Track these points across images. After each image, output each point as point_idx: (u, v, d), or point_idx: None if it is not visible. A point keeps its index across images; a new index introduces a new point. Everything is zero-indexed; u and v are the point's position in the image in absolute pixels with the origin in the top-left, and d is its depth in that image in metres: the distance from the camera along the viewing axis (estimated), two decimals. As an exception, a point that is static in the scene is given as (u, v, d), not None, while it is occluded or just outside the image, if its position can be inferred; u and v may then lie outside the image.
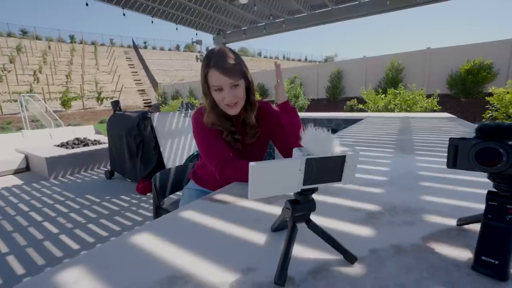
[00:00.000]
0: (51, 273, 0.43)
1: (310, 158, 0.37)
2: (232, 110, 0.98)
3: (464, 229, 0.52)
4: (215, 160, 0.97)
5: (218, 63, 0.90)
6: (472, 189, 0.74)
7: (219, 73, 0.90)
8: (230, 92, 0.94)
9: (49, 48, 26.47)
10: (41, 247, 2.25)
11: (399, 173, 0.92)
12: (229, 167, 0.93)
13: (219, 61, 0.91)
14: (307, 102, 10.84)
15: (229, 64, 0.91)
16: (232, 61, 0.93)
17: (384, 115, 4.00)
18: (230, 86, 0.93)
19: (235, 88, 0.95)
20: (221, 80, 0.91)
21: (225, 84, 0.92)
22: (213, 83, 0.93)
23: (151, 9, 5.18)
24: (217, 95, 0.95)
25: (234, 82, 0.93)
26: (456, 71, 8.98)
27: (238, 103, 0.97)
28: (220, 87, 0.93)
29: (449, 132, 1.92)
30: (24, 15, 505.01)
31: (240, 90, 0.96)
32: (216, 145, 0.99)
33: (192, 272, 0.42)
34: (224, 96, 0.94)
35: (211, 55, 0.93)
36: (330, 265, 0.42)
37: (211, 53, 0.95)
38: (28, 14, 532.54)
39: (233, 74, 0.92)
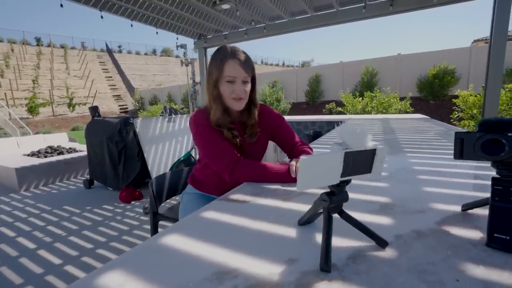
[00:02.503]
0: (91, 277, 0.42)
1: (348, 151, 0.41)
2: (238, 104, 1.01)
3: (469, 214, 0.58)
4: (224, 161, 0.97)
5: (237, 56, 0.96)
6: (466, 180, 0.82)
7: (237, 65, 0.95)
8: (241, 85, 0.98)
9: (12, 50, 24.61)
10: (17, 264, 2.08)
11: (396, 169, 0.99)
12: (240, 167, 0.95)
13: (238, 55, 0.97)
14: (289, 106, 11.07)
15: (247, 60, 0.98)
16: (248, 58, 1.00)
17: (364, 117, 4.20)
18: (243, 80, 0.98)
19: (245, 84, 0.99)
20: (238, 72, 0.96)
21: (240, 76, 0.97)
22: (229, 73, 0.96)
23: (131, 12, 5.04)
24: (227, 87, 0.98)
25: (247, 77, 0.98)
26: (425, 75, 9.67)
27: (244, 99, 1.01)
28: (234, 79, 0.97)
29: (428, 131, 2.08)
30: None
31: (249, 87, 1.01)
32: (223, 146, 1.00)
33: (238, 266, 0.43)
34: (235, 89, 0.97)
35: (229, 48, 0.99)
36: (365, 251, 0.45)
37: (228, 47, 1.00)
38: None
39: (249, 69, 0.98)
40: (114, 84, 24.96)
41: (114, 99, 22.72)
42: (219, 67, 0.97)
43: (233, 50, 0.99)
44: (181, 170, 1.64)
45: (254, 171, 0.93)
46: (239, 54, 0.98)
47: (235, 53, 0.97)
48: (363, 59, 11.29)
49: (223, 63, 0.96)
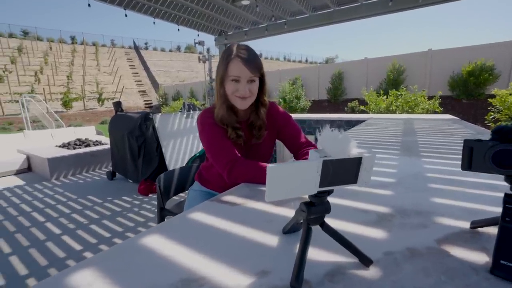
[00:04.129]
0: (64, 275, 0.42)
1: (326, 160, 0.37)
2: (242, 103, 0.99)
3: (478, 232, 0.51)
4: (223, 160, 0.96)
5: (242, 55, 0.94)
6: (483, 191, 0.73)
7: (241, 64, 0.93)
8: (246, 85, 0.96)
9: (50, 48, 26.54)
10: (43, 248, 2.25)
11: (407, 175, 0.92)
12: (238, 166, 0.93)
13: (243, 54, 0.94)
14: (309, 104, 10.84)
15: (252, 59, 0.95)
16: (254, 57, 0.97)
17: (386, 116, 3.99)
18: (248, 79, 0.95)
19: (251, 83, 0.97)
20: (242, 71, 0.94)
21: (244, 76, 0.94)
22: (232, 73, 0.95)
23: (153, 10, 5.19)
24: (232, 85, 0.96)
25: (252, 76, 0.95)
26: (458, 72, 8.98)
27: (250, 98, 0.99)
28: (238, 78, 0.95)
29: (453, 134, 1.92)
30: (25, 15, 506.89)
31: (255, 87, 0.98)
32: (224, 145, 0.99)
33: (206, 275, 0.41)
34: (239, 88, 0.96)
35: (235, 47, 0.97)
36: (346, 268, 0.41)
37: (235, 46, 0.98)
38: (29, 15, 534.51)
39: (254, 68, 0.95)
40: (140, 80, 26.01)
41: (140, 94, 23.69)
42: (225, 65, 0.96)
43: (239, 48, 0.96)
44: (190, 166, 1.65)
45: (251, 172, 0.91)
46: (245, 53, 0.95)
47: (240, 52, 0.95)
48: (390, 55, 10.72)
49: (228, 62, 0.95)
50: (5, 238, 2.44)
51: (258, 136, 1.08)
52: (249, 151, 1.11)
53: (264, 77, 1.03)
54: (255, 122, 1.07)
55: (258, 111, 1.06)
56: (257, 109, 1.06)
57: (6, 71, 19.88)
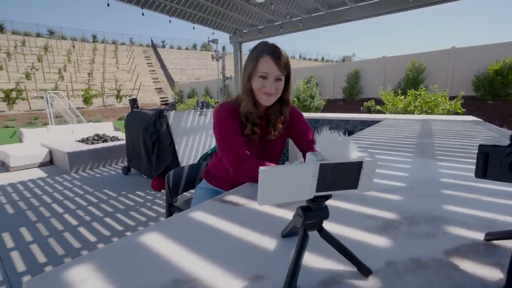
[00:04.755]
0: (61, 269, 0.43)
1: (324, 163, 0.35)
2: (267, 99, 1.00)
3: (493, 245, 0.48)
4: (232, 156, 0.97)
5: (274, 53, 0.96)
6: (503, 200, 0.68)
7: (271, 61, 0.95)
8: (273, 83, 0.97)
9: (73, 47, 27.68)
10: (61, 238, 2.35)
11: (419, 179, 0.87)
12: (244, 164, 0.93)
13: (275, 52, 0.96)
14: (323, 103, 10.66)
15: (283, 58, 0.97)
16: (285, 57, 0.98)
17: (403, 117, 3.85)
18: (275, 78, 0.97)
19: (278, 81, 0.98)
20: (271, 68, 0.95)
21: (273, 73, 0.96)
22: (262, 69, 0.96)
23: (169, 8, 5.27)
24: (259, 81, 0.98)
25: (280, 75, 0.97)
26: (484, 71, 8.50)
27: (275, 95, 1.00)
28: (266, 75, 0.96)
29: (475, 137, 1.81)
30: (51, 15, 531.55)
31: (281, 85, 1.00)
32: (236, 141, 1.00)
33: (199, 276, 0.41)
34: (266, 84, 0.97)
35: (267, 44, 0.99)
36: (343, 277, 0.39)
37: (266, 43, 1.00)
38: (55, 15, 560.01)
39: (283, 67, 0.96)
40: (157, 77, 26.60)
41: (156, 91, 24.23)
42: (254, 61, 0.98)
43: (270, 46, 0.98)
44: (199, 164, 1.67)
45: (255, 170, 0.90)
46: (276, 51, 0.97)
47: (272, 49, 0.97)
48: (409, 54, 10.31)
49: (258, 58, 0.97)
50: (28, 227, 2.58)
51: (274, 133, 1.09)
52: (262, 148, 1.12)
53: (290, 77, 1.04)
54: (273, 119, 1.08)
55: (282, 109, 1.08)
56: (281, 107, 1.08)
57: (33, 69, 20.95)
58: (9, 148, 4.95)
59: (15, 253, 2.12)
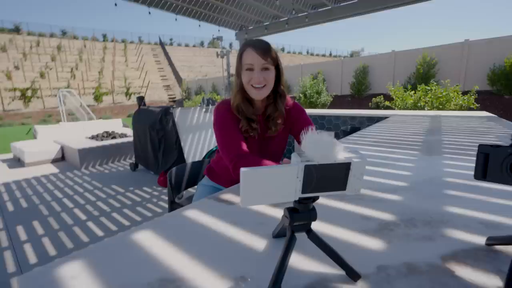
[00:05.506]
0: (52, 266, 0.44)
1: (309, 164, 0.34)
2: (258, 92, 0.98)
3: (495, 250, 0.45)
4: (231, 154, 0.96)
5: (255, 44, 0.97)
6: (509, 202, 0.65)
7: (253, 51, 0.95)
8: (260, 73, 0.96)
9: (85, 46, 28.23)
10: (71, 232, 2.42)
11: (422, 179, 0.84)
12: (243, 162, 0.92)
13: (256, 43, 0.97)
14: (330, 99, 10.51)
15: (265, 47, 0.96)
16: (266, 45, 0.98)
17: (412, 113, 3.75)
18: (261, 67, 0.96)
19: (266, 71, 0.97)
20: (254, 59, 0.95)
21: (257, 64, 0.95)
22: (246, 61, 0.96)
23: (175, 6, 5.29)
24: (247, 75, 0.97)
25: (265, 64, 0.96)
26: (500, 65, 8.18)
27: (266, 86, 0.98)
28: (252, 67, 0.96)
29: (487, 134, 1.75)
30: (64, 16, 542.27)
31: (270, 74, 0.98)
32: (235, 138, 0.99)
33: (185, 276, 0.40)
34: (253, 76, 0.96)
35: (250, 39, 1.01)
36: (330, 281, 0.38)
37: (250, 39, 1.03)
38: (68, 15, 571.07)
39: (267, 55, 0.95)
40: (165, 75, 26.84)
41: (164, 89, 24.47)
42: (239, 57, 0.99)
43: (256, 39, 1.00)
44: (202, 161, 1.67)
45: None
46: (257, 42, 0.97)
47: (253, 41, 0.98)
48: (419, 48, 10.02)
49: (242, 52, 0.98)
50: (40, 220, 2.66)
51: (274, 128, 1.07)
52: (262, 145, 1.10)
53: (281, 69, 1.02)
54: (272, 114, 1.05)
55: (276, 102, 1.05)
56: (275, 100, 1.05)
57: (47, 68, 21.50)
58: (24, 145, 5.11)
59: (28, 245, 2.20)
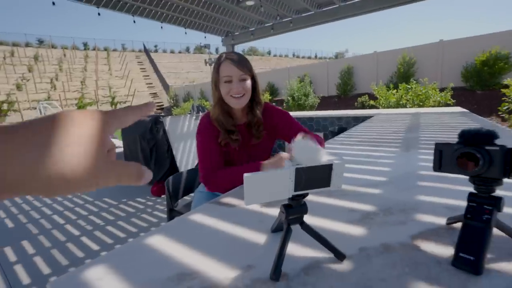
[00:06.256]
0: (78, 271, 0.50)
1: (299, 167, 0.42)
2: (237, 101, 1.03)
3: (453, 228, 0.55)
4: (202, 170, 1.04)
5: (231, 56, 1.03)
6: (467, 188, 0.75)
7: (231, 64, 1.00)
8: (238, 83, 1.01)
9: (64, 55, 27.52)
10: (64, 249, 2.39)
11: (399, 173, 0.95)
12: (214, 178, 1.01)
13: (233, 55, 1.03)
14: (317, 100, 10.76)
15: (241, 59, 1.03)
16: (243, 58, 1.05)
17: (395, 111, 3.95)
18: (239, 78, 1.02)
19: (244, 81, 1.03)
20: (232, 70, 1.00)
21: (235, 75, 1.01)
22: (224, 73, 1.01)
23: (160, 14, 5.33)
24: (225, 87, 1.02)
25: (243, 75, 1.02)
26: (471, 63, 8.67)
27: (244, 95, 1.04)
28: (230, 79, 1.01)
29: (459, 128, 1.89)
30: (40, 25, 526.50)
31: (247, 84, 1.04)
32: (209, 153, 1.05)
33: (199, 269, 0.48)
34: (232, 87, 1.01)
35: (225, 52, 1.07)
36: (322, 262, 0.47)
37: (226, 52, 1.08)
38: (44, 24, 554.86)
39: (243, 66, 1.02)
40: (151, 82, 26.55)
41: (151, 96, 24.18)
42: (217, 69, 1.04)
43: (227, 53, 1.05)
44: (197, 169, 1.73)
45: (226, 180, 0.98)
46: (233, 55, 1.04)
47: (229, 54, 1.04)
48: (400, 48, 10.47)
49: (219, 65, 1.03)
50: (29, 239, 2.60)
51: (257, 135, 1.12)
52: (247, 153, 1.15)
53: (256, 78, 1.09)
54: (252, 121, 1.11)
55: (253, 110, 1.10)
56: (253, 106, 1.11)
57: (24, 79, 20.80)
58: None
59: (19, 266, 2.15)
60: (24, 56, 25.20)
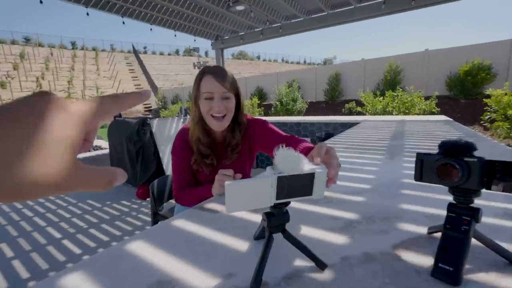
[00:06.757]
0: (55, 278, 0.47)
1: (281, 176, 0.42)
2: (218, 123, 0.94)
3: (433, 237, 0.56)
4: (174, 187, 1.04)
5: (214, 71, 0.93)
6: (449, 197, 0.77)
7: (213, 79, 0.90)
8: (220, 102, 0.91)
9: (52, 54, 26.77)
10: (45, 252, 2.30)
11: (383, 181, 0.96)
12: (182, 196, 1.01)
13: (216, 70, 0.93)
14: (305, 105, 10.90)
15: (224, 74, 0.93)
16: (227, 73, 0.95)
17: (381, 118, 4.04)
18: (222, 96, 0.92)
19: (226, 100, 0.93)
20: (214, 86, 0.90)
21: (217, 92, 0.91)
22: (205, 89, 0.91)
23: (150, 16, 5.27)
24: (206, 104, 0.92)
25: (226, 92, 0.92)
26: (455, 72, 9.03)
27: (226, 116, 0.94)
28: (211, 95, 0.91)
29: (442, 137, 1.96)
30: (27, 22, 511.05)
31: (230, 104, 0.94)
32: (182, 173, 1.03)
33: (179, 277, 0.46)
34: (213, 105, 0.91)
35: (208, 66, 0.96)
36: (303, 271, 0.46)
37: (208, 65, 0.98)
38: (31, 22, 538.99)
39: (227, 83, 0.92)
40: (140, 83, 26.14)
41: (140, 98, 23.77)
42: (197, 84, 0.94)
43: (211, 67, 0.95)
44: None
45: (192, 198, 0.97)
46: (217, 69, 0.94)
47: (212, 69, 0.93)
48: (387, 56, 10.79)
49: (200, 79, 0.93)
50: (8, 242, 2.49)
51: (230, 157, 1.03)
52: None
53: (241, 96, 1.00)
54: (231, 142, 1.02)
55: (234, 131, 1.02)
56: (234, 128, 1.02)
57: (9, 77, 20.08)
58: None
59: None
60: (10, 53, 24.35)
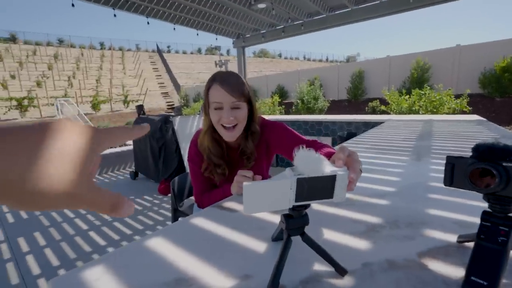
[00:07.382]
0: (78, 271, 0.50)
1: (300, 178, 0.41)
2: (228, 134, 0.91)
3: (464, 247, 0.52)
4: (194, 192, 1.06)
5: (222, 79, 0.88)
6: (482, 204, 0.72)
7: (221, 89, 0.86)
8: (229, 112, 0.87)
9: (82, 55, 28.45)
10: (73, 242, 2.45)
11: (409, 183, 0.91)
12: (204, 201, 1.02)
13: (224, 78, 0.88)
14: (327, 104, 10.66)
15: (234, 82, 0.88)
16: (237, 80, 0.90)
17: (406, 117, 3.85)
18: (231, 105, 0.88)
19: (236, 110, 0.89)
20: (223, 97, 0.86)
21: (226, 102, 0.87)
22: (214, 99, 0.88)
23: (173, 16, 5.41)
24: (215, 114, 0.89)
25: (235, 102, 0.87)
26: (490, 68, 8.39)
27: (237, 126, 0.91)
28: (220, 105, 0.88)
29: (474, 138, 1.83)
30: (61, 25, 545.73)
31: (241, 113, 0.90)
32: (199, 179, 1.03)
33: (196, 275, 0.47)
34: (222, 115, 0.88)
35: (218, 73, 0.92)
36: (322, 276, 0.45)
37: (218, 72, 0.94)
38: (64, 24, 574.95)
39: (236, 92, 0.87)
40: (163, 82, 27.00)
41: (163, 96, 24.59)
42: (206, 92, 0.91)
43: (220, 74, 0.91)
44: (203, 170, 1.73)
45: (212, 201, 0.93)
46: (225, 77, 0.89)
47: (221, 77, 0.89)
48: (414, 52, 10.26)
49: (208, 88, 0.90)
50: (41, 231, 2.69)
51: (247, 165, 1.01)
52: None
53: (253, 103, 0.95)
54: (245, 151, 0.99)
55: (247, 140, 0.98)
56: (248, 136, 0.98)
57: (44, 77, 21.60)
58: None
59: (30, 256, 2.23)
60: (45, 54, 26.27)
